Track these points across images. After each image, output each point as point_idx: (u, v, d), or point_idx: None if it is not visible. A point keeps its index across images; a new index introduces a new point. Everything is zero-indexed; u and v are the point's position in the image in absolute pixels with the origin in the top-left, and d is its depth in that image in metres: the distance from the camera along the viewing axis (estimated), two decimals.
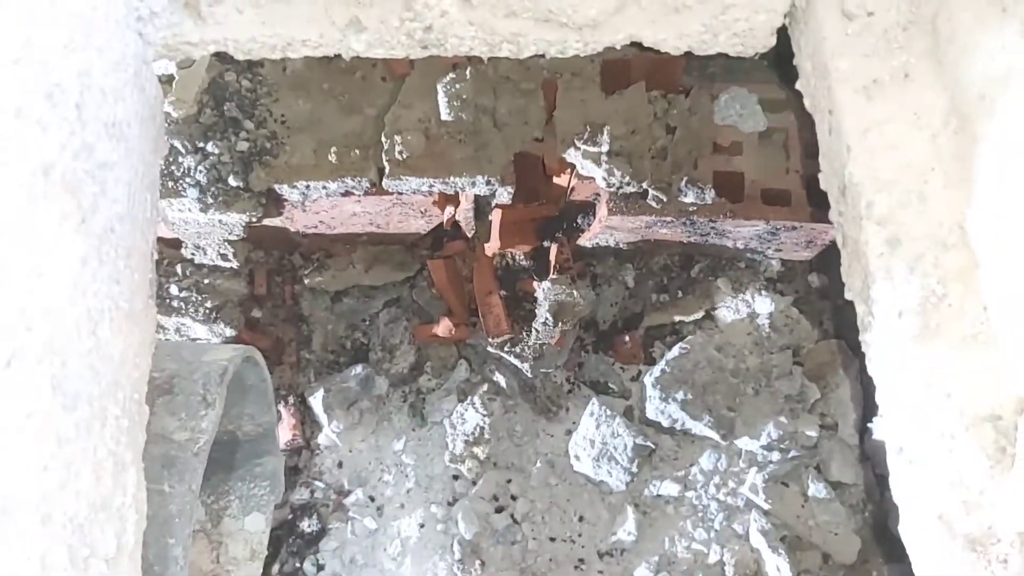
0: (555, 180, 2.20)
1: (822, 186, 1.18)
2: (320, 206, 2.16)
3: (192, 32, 1.25)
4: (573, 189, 2.17)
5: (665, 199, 2.06)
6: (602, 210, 2.12)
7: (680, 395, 2.22)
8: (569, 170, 2.14)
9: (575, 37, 1.27)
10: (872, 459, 2.25)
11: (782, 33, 1.31)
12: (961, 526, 0.89)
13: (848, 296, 1.12)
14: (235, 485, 1.89)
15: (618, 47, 1.31)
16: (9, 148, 0.75)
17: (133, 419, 1.04)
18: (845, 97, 1.14)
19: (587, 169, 2.07)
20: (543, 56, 1.32)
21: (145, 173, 1.18)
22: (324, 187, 2.07)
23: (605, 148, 2.05)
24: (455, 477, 2.36)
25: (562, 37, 1.27)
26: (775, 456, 2.20)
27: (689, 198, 2.06)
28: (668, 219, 2.10)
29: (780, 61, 2.13)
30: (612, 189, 2.06)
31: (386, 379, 2.40)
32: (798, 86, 1.29)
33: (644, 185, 2.05)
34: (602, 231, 2.20)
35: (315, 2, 1.22)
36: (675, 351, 2.30)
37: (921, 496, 0.96)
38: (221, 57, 2.10)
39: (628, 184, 2.05)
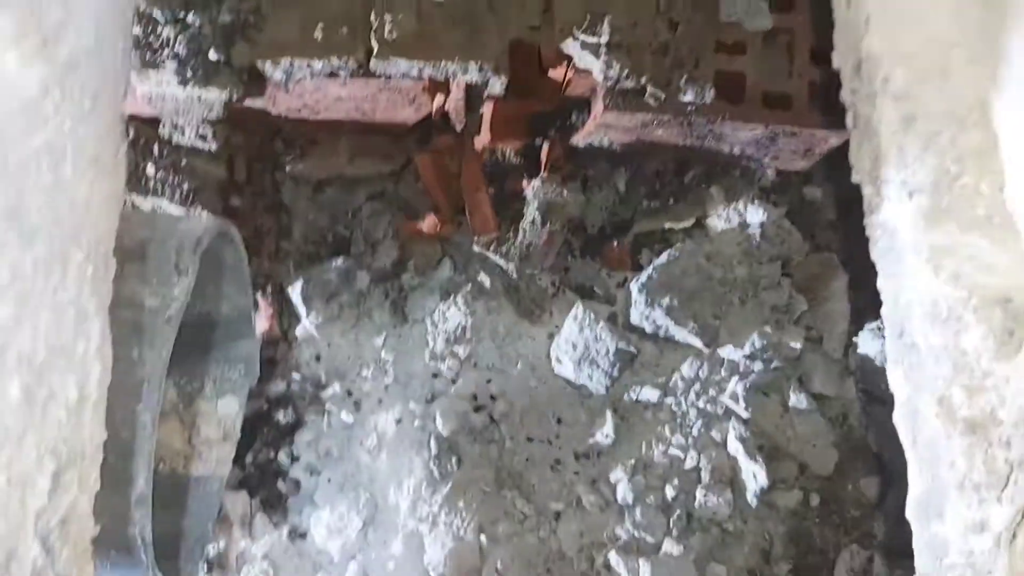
0: (550, 73, 2.12)
1: (835, 65, 1.13)
2: (304, 88, 2.07)
3: None
4: (569, 83, 2.09)
5: (663, 97, 1.99)
6: (598, 106, 2.04)
7: (666, 301, 2.19)
8: (565, 63, 2.06)
9: None
10: (856, 374, 2.24)
11: None
12: (962, 410, 0.86)
13: (855, 178, 1.07)
14: (209, 367, 1.85)
15: None
16: None
17: (99, 270, 0.99)
18: None
19: (585, 61, 1.99)
20: None
21: (116, 15, 1.10)
22: (309, 66, 1.98)
23: (605, 39, 1.97)
24: (434, 375, 2.33)
25: None
26: (757, 366, 2.19)
27: (688, 97, 1.99)
28: (665, 118, 2.03)
29: None
30: (609, 84, 1.98)
31: (368, 274, 2.35)
32: None
33: (643, 81, 1.98)
34: (596, 129, 2.13)
35: None
36: (663, 257, 2.26)
37: (921, 381, 0.93)
38: None
39: (627, 79, 1.97)
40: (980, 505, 0.86)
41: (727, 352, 2.21)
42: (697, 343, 2.21)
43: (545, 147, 2.23)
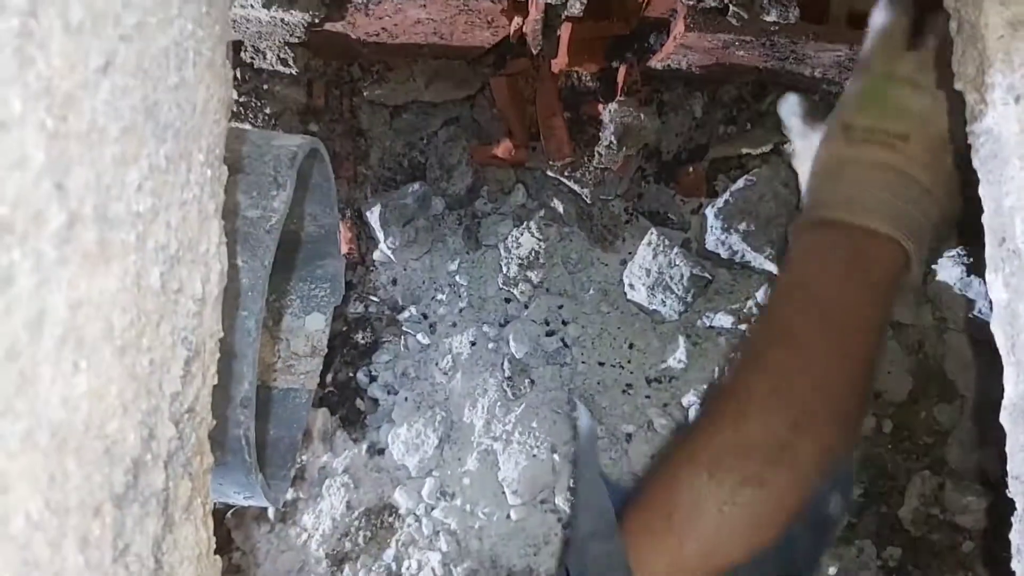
0: None
1: None
2: (384, 10, 2.08)
3: None
4: (648, 2, 2.06)
5: (747, 16, 1.95)
6: (679, 26, 2.02)
7: (743, 226, 2.18)
8: None
9: None
10: (933, 302, 2.21)
11: None
12: None
13: (957, 86, 1.05)
14: (296, 285, 1.91)
15: None
16: None
17: (216, 172, 1.03)
18: None
19: None
20: None
21: None
22: None
23: None
24: (507, 300, 2.37)
25: None
26: None
27: (772, 16, 1.95)
28: (747, 39, 1.99)
29: None
30: (691, 2, 1.95)
31: (443, 199, 2.38)
32: None
33: (725, 0, 1.94)
34: (676, 50, 2.11)
35: None
36: (740, 183, 2.24)
37: (1022, 286, 0.92)
38: None
39: None
40: None
41: None
42: (774, 268, 2.20)
43: (622, 70, 2.21)
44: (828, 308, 1.21)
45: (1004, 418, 0.96)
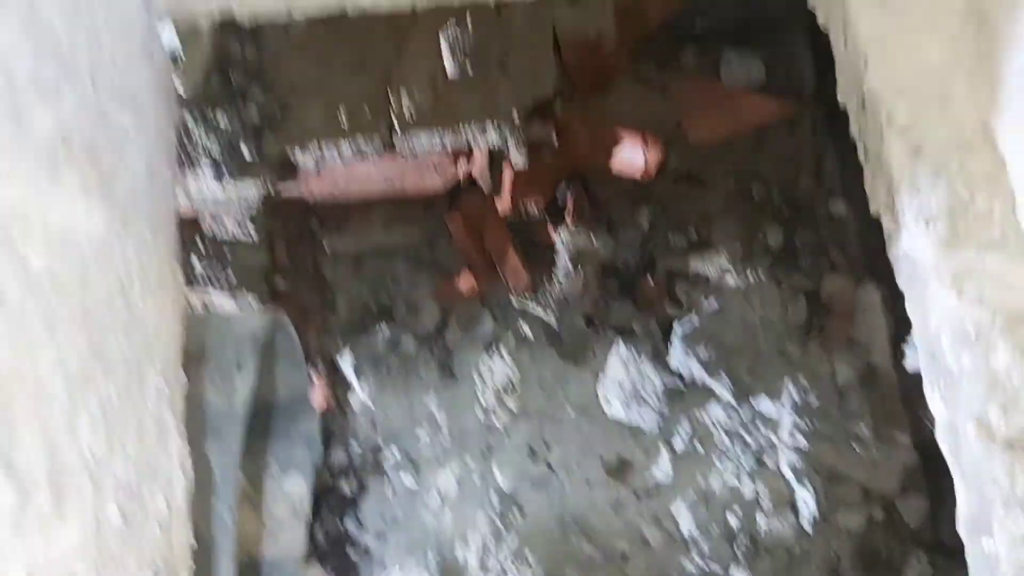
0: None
1: (840, 100, 1.17)
2: (334, 170, 2.16)
3: None
4: (591, 146, 2.16)
5: None
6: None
7: (703, 354, 2.23)
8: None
9: None
10: (908, 393, 2.25)
11: None
12: (999, 428, 0.89)
13: (873, 210, 1.11)
14: (273, 447, 1.92)
15: None
16: (30, 116, 0.75)
17: (171, 382, 1.05)
18: (859, 7, 1.12)
19: None
20: None
21: (160, 139, 1.18)
22: (337, 148, 2.07)
23: None
24: (488, 428, 2.38)
25: None
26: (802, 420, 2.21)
27: None
28: None
29: None
30: None
31: (412, 337, 2.42)
32: (810, 3, 1.27)
33: None
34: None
35: None
36: (712, 304, 2.29)
37: (957, 402, 0.96)
38: (225, 28, 2.09)
39: None
40: None
41: (763, 406, 2.24)
42: (730, 397, 2.24)
43: (569, 199, 2.29)
44: None
45: (960, 528, 0.98)
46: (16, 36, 0.75)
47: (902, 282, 1.06)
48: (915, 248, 1.01)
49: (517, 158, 2.07)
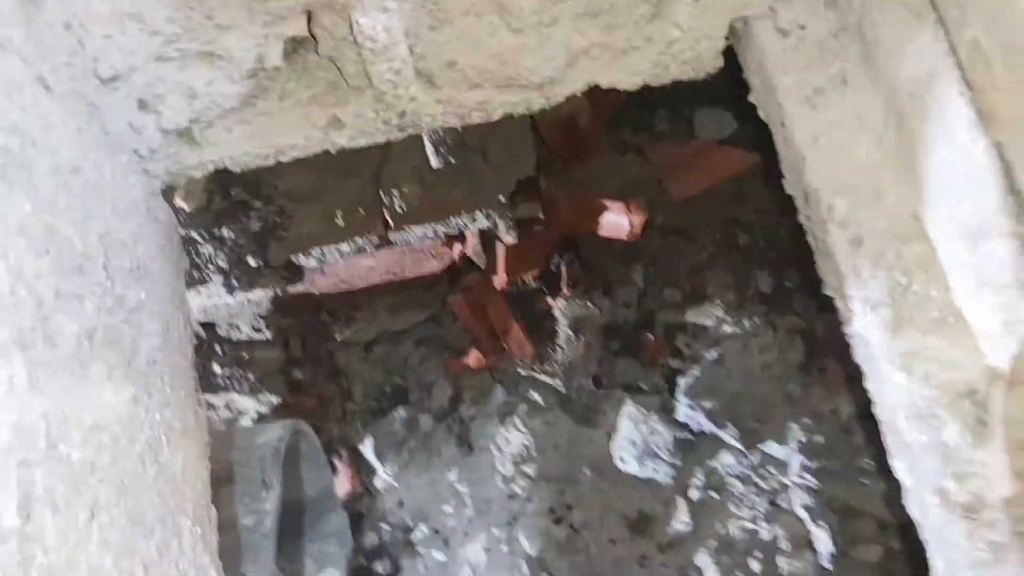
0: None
1: (788, 191, 1.27)
2: (337, 267, 2.28)
3: (190, 156, 1.36)
4: (580, 217, 2.26)
5: None
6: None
7: (708, 404, 2.32)
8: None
9: (537, 95, 1.36)
10: None
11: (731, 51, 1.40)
12: (956, 496, 0.98)
13: (827, 292, 1.20)
14: (307, 547, 2.01)
15: (579, 93, 1.41)
16: (59, 330, 0.86)
17: (203, 524, 1.15)
18: (793, 109, 1.22)
19: None
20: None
21: (172, 295, 1.29)
22: (337, 249, 2.19)
23: None
24: (510, 497, 2.46)
25: (524, 97, 1.36)
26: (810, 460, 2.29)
27: None
28: None
29: None
30: None
31: (429, 415, 2.52)
32: (751, 99, 1.37)
33: None
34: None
35: (295, 111, 1.32)
36: (712, 354, 2.39)
37: (919, 473, 1.04)
38: None
39: None
40: None
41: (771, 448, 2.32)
42: (737, 444, 2.32)
43: (563, 270, 2.39)
44: None
45: None
46: (41, 262, 0.86)
47: (859, 359, 1.15)
48: (865, 331, 1.10)
49: (507, 237, 2.18)
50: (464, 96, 1.33)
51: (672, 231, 2.58)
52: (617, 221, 2.39)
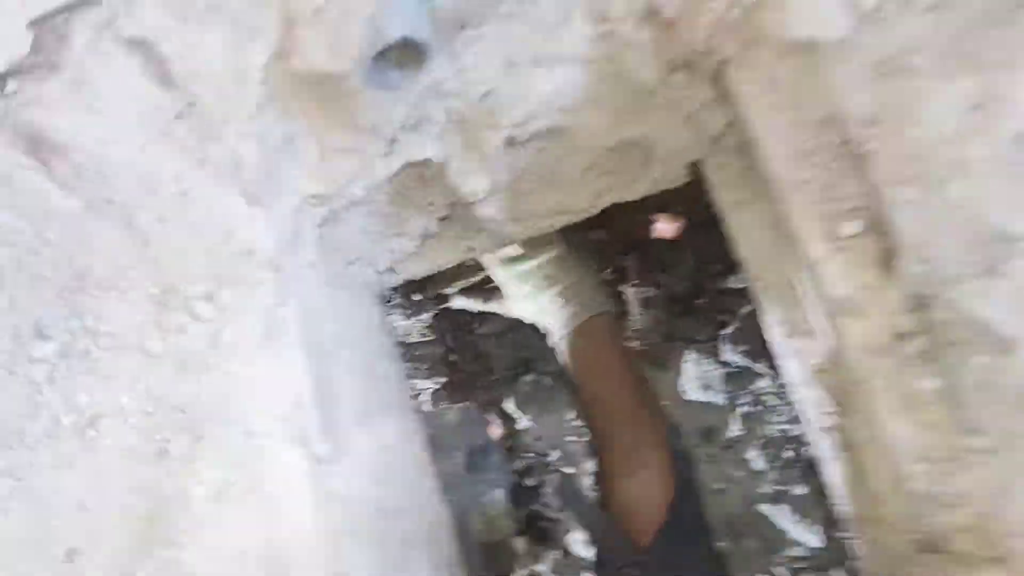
0: None
1: None
2: None
3: None
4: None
5: None
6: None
7: (743, 347, 3.26)
8: None
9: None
10: None
11: None
12: None
13: None
14: (480, 478, 3.09)
15: None
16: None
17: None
18: None
19: None
20: None
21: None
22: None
23: None
24: None
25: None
26: None
27: None
28: None
29: None
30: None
31: (549, 376, 3.55)
32: None
33: None
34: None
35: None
36: (746, 309, 3.32)
37: None
38: None
39: None
40: None
41: None
42: (768, 372, 3.27)
43: (629, 264, 3.34)
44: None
45: None
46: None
47: None
48: None
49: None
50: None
51: (706, 223, 3.47)
52: (664, 227, 3.30)
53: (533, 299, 2.12)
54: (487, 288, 3.13)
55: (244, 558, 0.90)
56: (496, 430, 3.51)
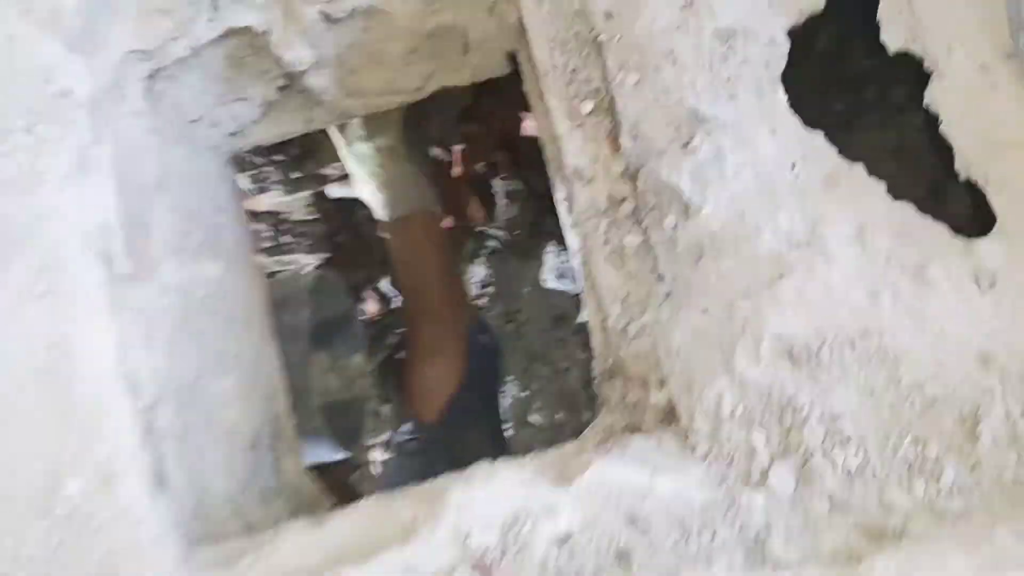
0: None
1: None
2: None
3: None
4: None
5: None
6: None
7: None
8: None
9: None
10: None
11: None
12: None
13: None
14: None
15: None
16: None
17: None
18: None
19: None
20: None
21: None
22: None
23: None
24: (480, 308, 3.75)
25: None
26: None
27: None
28: None
29: None
30: None
31: None
32: None
33: None
34: None
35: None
36: None
37: None
38: None
39: None
40: None
41: None
42: None
43: (499, 159, 3.54)
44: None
45: None
46: None
47: None
48: None
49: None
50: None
51: None
52: (532, 124, 3.49)
53: (366, 183, 2.30)
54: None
55: (34, 341, 1.10)
56: (373, 306, 3.73)
